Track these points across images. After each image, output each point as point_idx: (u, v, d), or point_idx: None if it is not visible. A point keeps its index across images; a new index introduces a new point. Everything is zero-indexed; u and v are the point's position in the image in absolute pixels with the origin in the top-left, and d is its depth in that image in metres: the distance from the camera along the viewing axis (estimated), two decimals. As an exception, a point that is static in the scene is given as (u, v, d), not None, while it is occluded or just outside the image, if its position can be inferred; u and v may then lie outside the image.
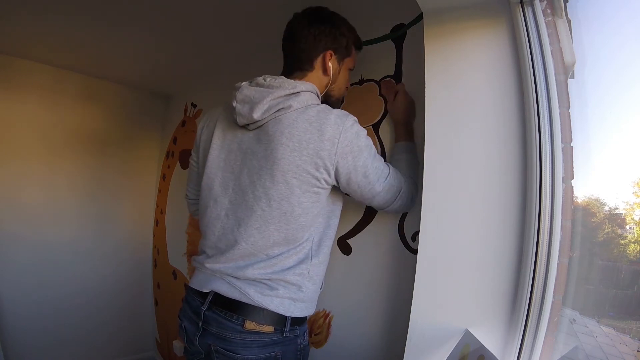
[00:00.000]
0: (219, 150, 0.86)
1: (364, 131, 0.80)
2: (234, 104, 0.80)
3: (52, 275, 1.99)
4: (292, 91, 0.77)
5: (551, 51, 0.66)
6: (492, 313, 0.68)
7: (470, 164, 0.74)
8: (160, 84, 2.30)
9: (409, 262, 0.96)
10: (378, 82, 1.14)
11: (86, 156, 2.14)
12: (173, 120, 2.36)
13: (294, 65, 0.87)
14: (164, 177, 2.38)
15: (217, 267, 0.82)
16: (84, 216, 2.13)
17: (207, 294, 0.81)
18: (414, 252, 0.93)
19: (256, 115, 0.76)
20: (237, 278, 0.79)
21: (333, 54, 0.87)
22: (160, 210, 2.37)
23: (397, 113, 0.98)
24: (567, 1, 0.68)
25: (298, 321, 0.82)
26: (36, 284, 1.93)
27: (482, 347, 0.65)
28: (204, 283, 0.82)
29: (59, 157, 2.03)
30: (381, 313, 1.03)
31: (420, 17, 1.00)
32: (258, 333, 0.76)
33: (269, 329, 0.76)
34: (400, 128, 0.98)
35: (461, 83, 0.77)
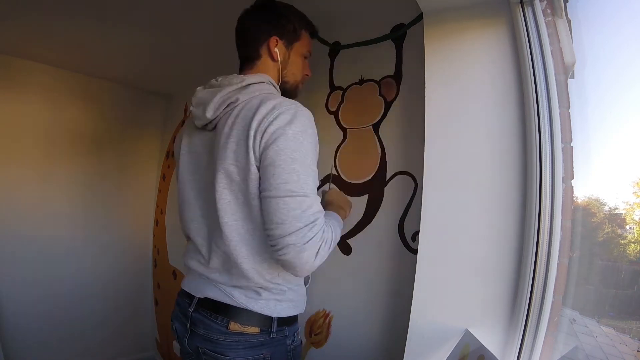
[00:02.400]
0: (187, 155, 0.87)
1: (311, 125, 0.72)
2: (191, 108, 0.82)
3: (51, 275, 1.98)
4: (240, 85, 0.77)
5: (551, 51, 0.66)
6: (492, 313, 0.68)
7: (470, 163, 0.74)
8: (160, 83, 2.29)
9: (409, 262, 0.96)
10: (378, 82, 1.14)
11: (86, 156, 2.14)
12: (173, 120, 2.36)
13: (244, 57, 0.87)
14: (164, 177, 2.38)
15: (205, 271, 0.80)
16: (83, 216, 2.13)
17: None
18: (414, 252, 0.93)
19: (208, 114, 0.76)
20: (219, 279, 0.78)
21: (278, 40, 0.85)
22: (160, 210, 2.37)
23: (330, 204, 0.93)
24: (567, 1, 0.68)
25: (286, 321, 0.79)
26: (36, 283, 1.93)
27: (482, 347, 0.65)
28: (195, 287, 0.82)
29: (58, 157, 2.03)
30: (381, 313, 1.03)
31: (420, 17, 1.00)
32: (243, 334, 0.75)
33: (254, 330, 0.75)
34: (333, 209, 0.90)
35: (461, 83, 0.77)
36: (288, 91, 0.91)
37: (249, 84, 0.77)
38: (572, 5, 0.68)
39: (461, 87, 0.77)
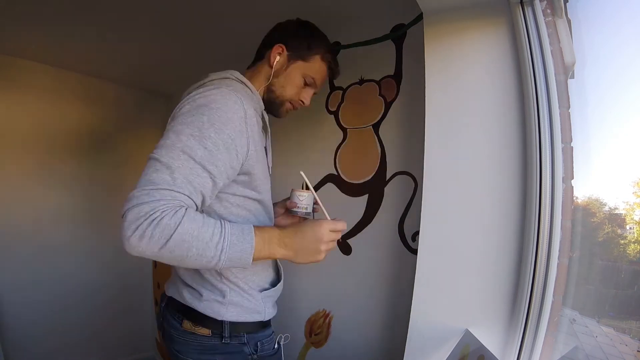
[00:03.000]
0: None
1: (221, 104, 0.63)
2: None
3: (51, 276, 1.98)
4: (203, 82, 0.74)
5: (551, 51, 0.66)
6: (492, 313, 0.68)
7: (470, 164, 0.74)
8: (160, 83, 2.29)
9: (409, 262, 0.96)
10: (378, 82, 1.14)
11: (86, 156, 2.13)
12: (173, 120, 2.36)
13: (255, 56, 0.88)
14: (164, 177, 2.38)
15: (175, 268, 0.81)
16: (84, 216, 2.13)
17: None
18: (414, 252, 0.93)
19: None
20: (179, 277, 0.77)
21: (284, 49, 0.81)
22: (160, 210, 2.37)
23: (301, 240, 0.69)
24: (567, 1, 0.68)
25: (244, 327, 0.72)
26: (35, 284, 1.93)
27: (482, 347, 0.65)
28: (166, 285, 0.84)
29: (59, 157, 2.03)
30: (381, 313, 1.03)
31: (420, 17, 1.00)
32: (194, 334, 0.71)
33: (204, 331, 0.71)
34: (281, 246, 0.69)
35: (461, 83, 0.77)
36: (271, 102, 0.84)
37: (212, 79, 0.74)
38: (572, 5, 0.68)
39: (461, 87, 0.77)
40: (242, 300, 0.73)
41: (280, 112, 0.86)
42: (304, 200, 0.75)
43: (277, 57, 0.81)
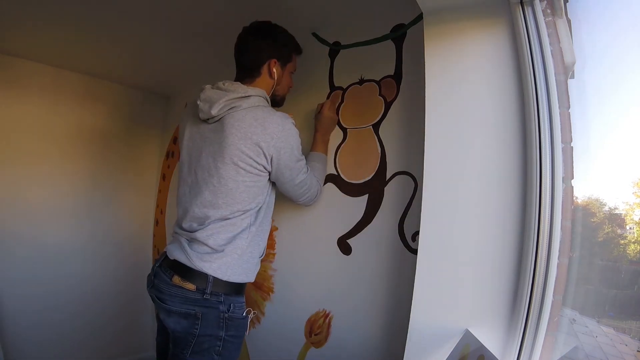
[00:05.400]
0: (188, 140, 1.06)
1: (297, 132, 0.99)
2: (198, 102, 0.99)
3: (51, 275, 1.98)
4: (243, 95, 0.95)
5: (551, 51, 0.66)
6: (492, 313, 0.68)
7: (470, 164, 0.74)
8: (160, 84, 2.29)
9: (409, 262, 0.96)
10: (378, 82, 1.14)
11: (86, 156, 2.13)
12: (173, 120, 2.36)
13: (245, 72, 1.04)
14: (163, 177, 2.38)
15: (179, 230, 1.01)
16: (83, 216, 2.13)
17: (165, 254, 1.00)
18: (414, 252, 0.93)
19: (213, 111, 0.94)
20: (189, 240, 0.96)
21: (277, 62, 1.03)
22: (160, 210, 2.36)
23: (319, 125, 1.19)
24: (567, 1, 0.68)
25: (223, 287, 0.91)
26: (36, 284, 1.93)
27: (482, 347, 0.65)
28: (170, 250, 0.99)
29: (58, 158, 2.03)
30: (381, 313, 1.03)
31: (420, 17, 1.00)
32: (181, 288, 0.90)
33: (190, 286, 0.90)
34: (318, 138, 1.19)
35: (461, 83, 0.77)
36: (278, 102, 1.13)
37: (250, 96, 0.96)
38: (572, 5, 0.68)
39: (461, 87, 0.77)
40: (243, 263, 0.95)
41: (283, 104, 1.16)
42: None
43: (275, 70, 1.03)
